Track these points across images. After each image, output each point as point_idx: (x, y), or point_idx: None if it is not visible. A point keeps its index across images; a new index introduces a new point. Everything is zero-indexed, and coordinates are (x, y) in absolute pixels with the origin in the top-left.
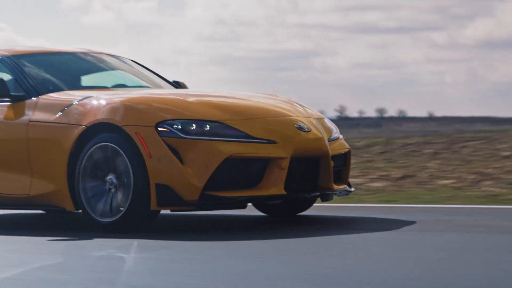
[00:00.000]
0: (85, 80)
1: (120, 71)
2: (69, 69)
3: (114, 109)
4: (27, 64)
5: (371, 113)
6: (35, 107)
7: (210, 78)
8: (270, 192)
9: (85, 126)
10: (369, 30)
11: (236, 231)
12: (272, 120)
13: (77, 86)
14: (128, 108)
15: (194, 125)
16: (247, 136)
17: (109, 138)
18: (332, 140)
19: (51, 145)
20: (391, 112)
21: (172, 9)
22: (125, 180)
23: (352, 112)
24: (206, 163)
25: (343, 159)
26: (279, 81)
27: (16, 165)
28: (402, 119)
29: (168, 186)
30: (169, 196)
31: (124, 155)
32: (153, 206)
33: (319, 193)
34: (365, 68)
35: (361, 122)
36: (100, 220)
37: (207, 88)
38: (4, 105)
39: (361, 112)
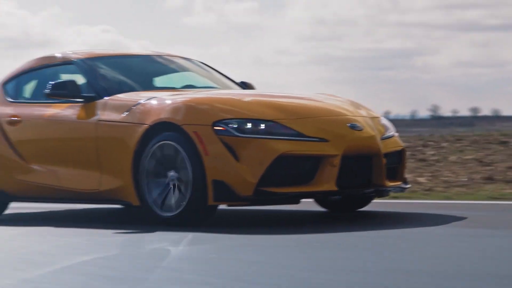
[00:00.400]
0: (157, 81)
1: (190, 73)
2: (139, 71)
3: (174, 109)
4: (99, 66)
5: (464, 112)
6: (104, 107)
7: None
8: (322, 188)
9: (148, 125)
10: (471, 28)
11: (301, 225)
12: (325, 119)
13: (145, 87)
14: (187, 108)
15: (249, 124)
16: (300, 134)
17: (170, 136)
18: (385, 138)
19: (118, 143)
20: (486, 111)
21: (272, 9)
22: (185, 177)
23: (446, 111)
24: (259, 160)
25: (398, 157)
26: (380, 81)
27: (87, 162)
28: (495, 118)
29: (224, 182)
30: (225, 192)
31: (184, 153)
32: (210, 201)
33: (372, 190)
34: (467, 66)
35: (454, 121)
36: (163, 214)
37: (271, 89)
38: (76, 105)
39: (454, 111)
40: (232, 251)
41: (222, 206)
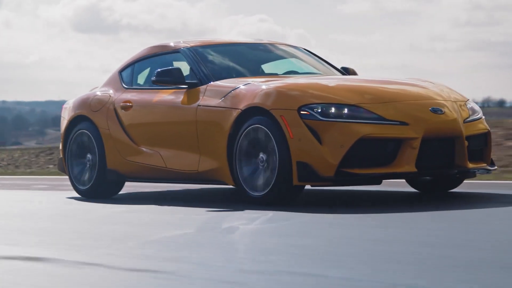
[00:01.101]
0: (262, 68)
1: (294, 59)
2: (243, 58)
3: (264, 94)
4: (203, 54)
5: None
6: (204, 93)
7: (467, 64)
8: (402, 169)
9: (240, 109)
10: None
11: (396, 203)
12: (407, 103)
13: (248, 73)
14: (275, 93)
15: (333, 108)
16: (380, 118)
17: (260, 120)
18: (469, 122)
19: (214, 127)
20: None
21: None
22: (273, 158)
23: None
24: (341, 143)
25: (483, 139)
26: None
27: (187, 145)
28: None
29: (307, 163)
30: (308, 173)
31: (272, 136)
32: (295, 181)
33: (455, 171)
34: None
35: None
36: (253, 194)
37: (370, 74)
38: (181, 91)
39: None
40: (311, 227)
41: (308, 187)
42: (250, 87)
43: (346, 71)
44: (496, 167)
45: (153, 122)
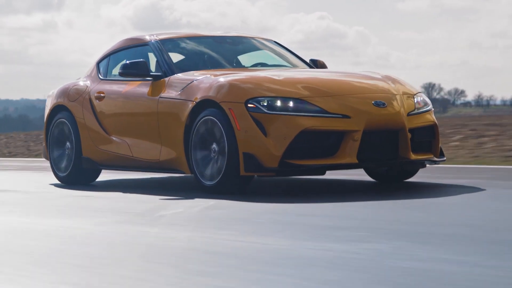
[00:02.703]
0: (229, 60)
1: (262, 52)
2: (208, 51)
3: (217, 87)
4: (169, 47)
5: None
6: (165, 85)
7: None
8: (343, 161)
9: (195, 102)
10: None
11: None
12: (350, 97)
13: (211, 66)
14: (226, 87)
15: (278, 102)
16: (323, 111)
17: (212, 112)
18: (414, 114)
19: (173, 118)
20: None
21: None
22: (222, 149)
23: None
24: (284, 135)
25: (431, 131)
26: None
27: (151, 135)
28: None
29: (253, 154)
30: (253, 163)
31: (221, 127)
32: (242, 171)
33: (398, 162)
34: None
35: None
36: (205, 183)
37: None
38: (148, 83)
39: None
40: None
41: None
42: (206, 80)
43: (314, 63)
44: (444, 158)
45: (121, 112)
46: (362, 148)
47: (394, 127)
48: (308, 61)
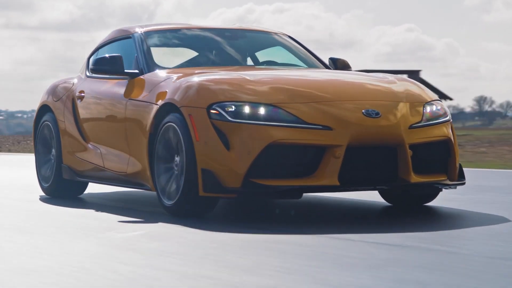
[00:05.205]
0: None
1: (275, 48)
2: (201, 45)
3: (181, 88)
4: (154, 40)
5: None
6: (136, 85)
7: None
8: (321, 182)
9: (159, 105)
10: None
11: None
12: (335, 103)
13: (202, 63)
14: (190, 88)
15: (247, 108)
16: (299, 121)
17: (173, 118)
18: (418, 127)
19: (139, 124)
20: None
21: None
22: (182, 163)
23: None
24: (248, 149)
25: (444, 148)
26: None
27: (120, 143)
28: None
29: (212, 171)
30: (212, 182)
31: (181, 137)
32: (201, 191)
33: (395, 185)
34: None
35: None
36: (165, 202)
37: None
38: (124, 82)
39: None
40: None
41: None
42: (177, 80)
43: (333, 63)
44: (464, 181)
45: (96, 116)
46: (346, 167)
47: (389, 142)
48: (327, 60)
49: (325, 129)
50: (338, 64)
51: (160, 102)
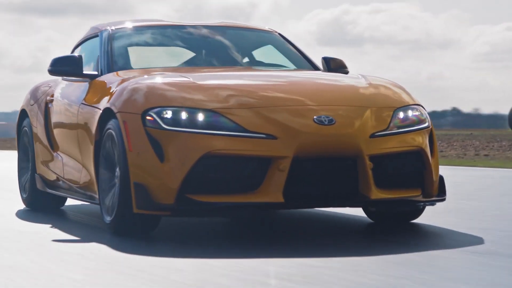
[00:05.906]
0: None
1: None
2: (172, 44)
3: (125, 92)
4: (119, 39)
5: None
6: (91, 88)
7: None
8: (263, 199)
9: (101, 110)
10: None
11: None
12: (283, 109)
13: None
14: (123, 92)
15: (184, 114)
16: (240, 128)
17: (113, 125)
18: (383, 135)
19: (87, 130)
20: None
21: None
22: (118, 176)
23: None
24: (183, 160)
25: (417, 160)
26: None
27: (75, 152)
28: None
29: (145, 186)
30: (145, 198)
31: (118, 146)
32: (135, 208)
33: (352, 202)
34: None
35: None
36: (105, 217)
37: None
38: (85, 84)
39: None
40: None
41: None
42: (122, 82)
43: (326, 63)
44: (444, 197)
45: (58, 121)
46: (292, 182)
47: (345, 153)
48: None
49: (269, 138)
50: (332, 65)
51: (103, 107)
